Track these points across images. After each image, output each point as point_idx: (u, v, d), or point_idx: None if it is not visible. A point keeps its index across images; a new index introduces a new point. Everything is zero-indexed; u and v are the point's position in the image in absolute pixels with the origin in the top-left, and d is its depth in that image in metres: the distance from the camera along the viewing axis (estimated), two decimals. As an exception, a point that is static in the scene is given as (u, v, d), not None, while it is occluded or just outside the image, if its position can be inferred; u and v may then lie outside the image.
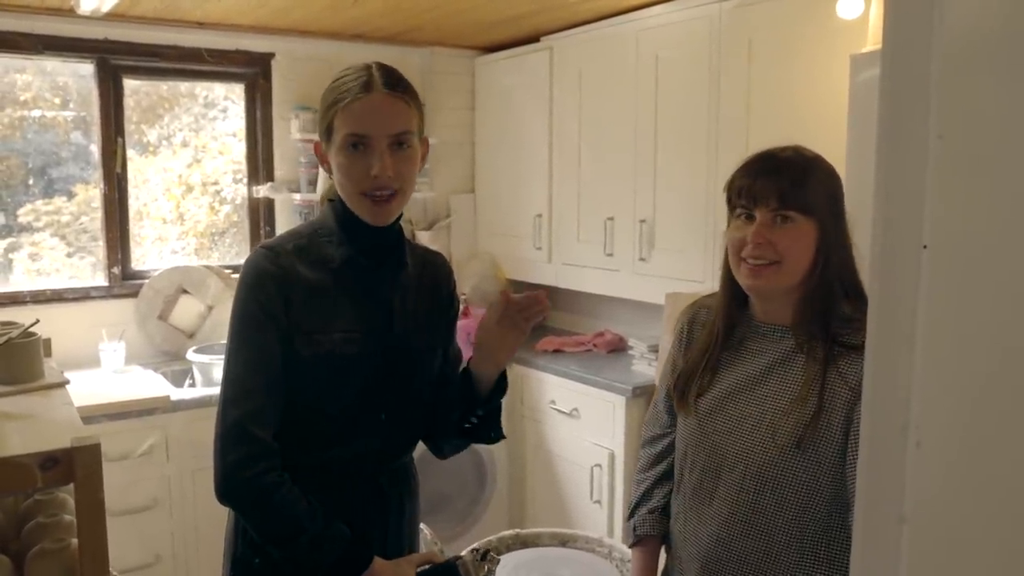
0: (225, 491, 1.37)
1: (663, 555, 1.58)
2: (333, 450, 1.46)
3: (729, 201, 1.40)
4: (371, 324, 1.47)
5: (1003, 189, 0.55)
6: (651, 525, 1.54)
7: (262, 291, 1.39)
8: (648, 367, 3.17)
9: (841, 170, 2.12)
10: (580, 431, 3.25)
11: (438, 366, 1.58)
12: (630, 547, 1.59)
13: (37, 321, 1.34)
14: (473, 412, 1.52)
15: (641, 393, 3.04)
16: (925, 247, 0.58)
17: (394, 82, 1.41)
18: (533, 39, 3.72)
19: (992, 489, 0.56)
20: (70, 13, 3.01)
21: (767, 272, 1.34)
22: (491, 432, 1.57)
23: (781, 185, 1.31)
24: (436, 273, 1.60)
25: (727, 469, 1.38)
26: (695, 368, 1.47)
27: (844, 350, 1.31)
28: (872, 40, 2.28)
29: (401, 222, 1.51)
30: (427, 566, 1.46)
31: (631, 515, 1.59)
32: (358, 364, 1.44)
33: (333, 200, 1.49)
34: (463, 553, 1.46)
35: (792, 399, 1.33)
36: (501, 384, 1.53)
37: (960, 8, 0.55)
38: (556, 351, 3.59)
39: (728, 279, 1.44)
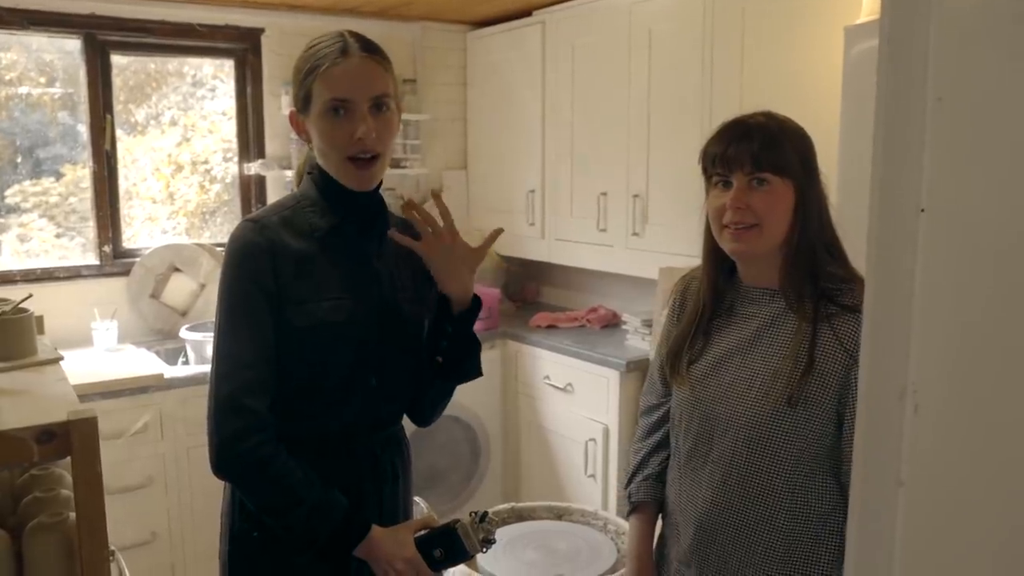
0: (221, 464, 1.37)
1: (660, 524, 1.60)
2: (327, 419, 1.47)
3: (705, 171, 1.42)
4: (360, 291, 1.47)
5: (1001, 152, 0.55)
6: (645, 492, 1.57)
7: (251, 263, 1.39)
8: (642, 342, 3.18)
9: (835, 142, 2.13)
10: (574, 406, 3.26)
11: (425, 333, 1.58)
12: (627, 515, 1.61)
13: (30, 296, 1.34)
14: (444, 334, 1.52)
15: (635, 368, 3.05)
16: (923, 211, 0.58)
17: (370, 46, 1.42)
18: (525, 13, 3.69)
19: (989, 454, 0.56)
20: (56, -12, 2.98)
21: (748, 236, 1.36)
22: (465, 364, 1.56)
23: (753, 148, 1.33)
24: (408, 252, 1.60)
25: (719, 433, 1.40)
26: (684, 337, 1.49)
27: (839, 310, 1.33)
28: (866, 12, 2.27)
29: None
30: (425, 531, 1.46)
31: (628, 484, 1.61)
32: (349, 331, 1.45)
33: (312, 172, 1.49)
34: (461, 516, 1.47)
35: (783, 358, 1.35)
36: (475, 305, 1.54)
37: (961, -32, 0.55)
38: (550, 327, 3.59)
39: (710, 249, 1.46)
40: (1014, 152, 0.54)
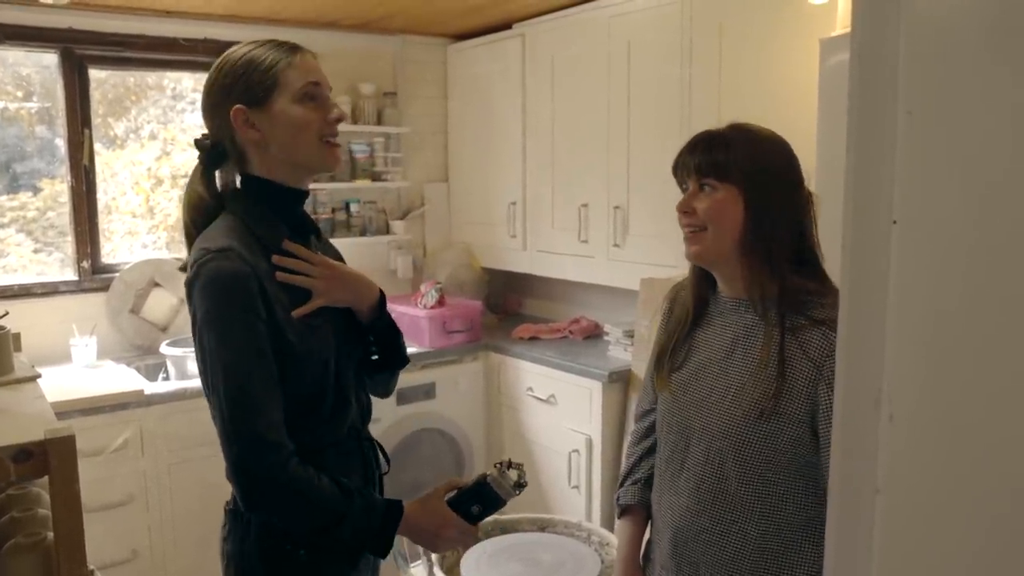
0: (261, 503, 1.36)
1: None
2: (336, 423, 1.48)
3: (680, 185, 1.49)
4: None
5: (971, 164, 0.56)
6: (633, 495, 1.60)
7: (242, 294, 1.35)
8: (624, 352, 3.19)
9: (812, 152, 2.15)
10: (557, 417, 3.26)
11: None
12: (617, 518, 1.64)
13: (6, 313, 1.33)
14: (371, 339, 1.58)
15: (617, 378, 3.06)
16: (895, 222, 0.59)
17: (308, 49, 1.49)
18: (505, 26, 3.71)
19: (963, 460, 0.57)
20: (33, 2, 2.96)
21: (697, 238, 1.42)
22: (399, 348, 1.62)
23: (696, 157, 1.41)
24: (324, 238, 1.67)
25: (695, 441, 1.43)
26: (668, 344, 1.53)
27: (807, 322, 1.34)
28: (841, 24, 2.30)
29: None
30: (454, 492, 1.48)
31: (619, 487, 1.64)
32: (328, 333, 1.46)
33: (246, 189, 1.48)
34: (486, 471, 1.49)
35: (754, 370, 1.37)
36: (383, 311, 1.57)
37: (927, -15, 0.56)
38: (532, 338, 3.60)
39: None
40: (983, 164, 0.55)
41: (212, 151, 1.49)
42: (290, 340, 1.39)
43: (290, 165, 1.46)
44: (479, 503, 1.46)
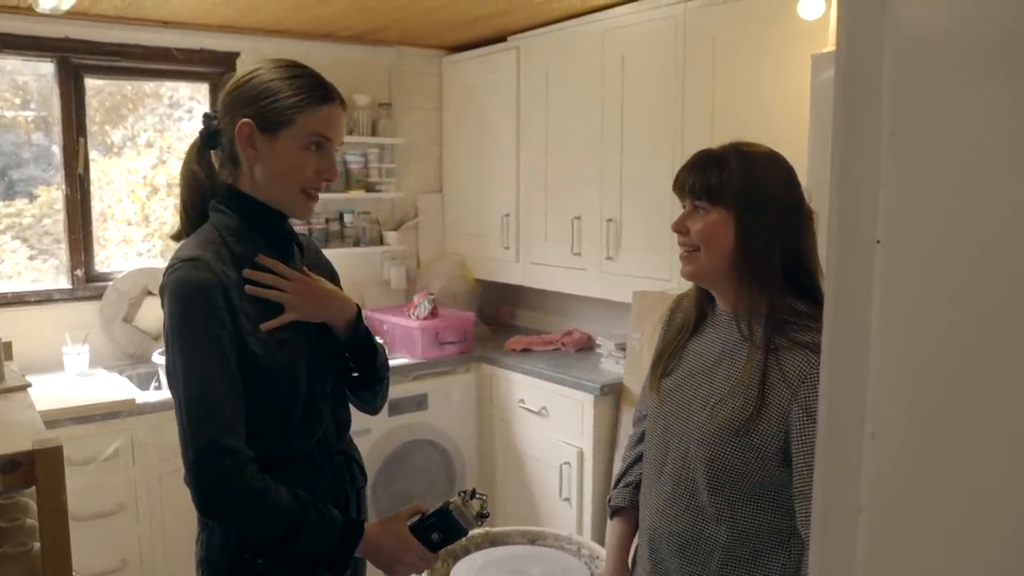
0: (215, 508, 1.36)
1: None
2: (306, 433, 1.49)
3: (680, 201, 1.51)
4: None
5: (953, 184, 0.56)
6: (624, 497, 1.64)
7: (207, 302, 1.37)
8: (616, 365, 3.19)
9: (803, 168, 2.15)
10: (549, 429, 3.26)
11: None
12: (609, 519, 1.67)
13: (-3, 323, 1.32)
14: (348, 356, 1.60)
15: (609, 391, 3.06)
16: (879, 242, 0.60)
17: (342, 98, 1.51)
18: (500, 39, 3.73)
19: (945, 478, 0.58)
20: (29, 11, 2.96)
21: (692, 258, 1.44)
22: (376, 366, 1.62)
23: (691, 178, 1.42)
24: (316, 251, 1.68)
25: (673, 447, 1.46)
26: (663, 351, 1.56)
27: (789, 344, 1.35)
28: (833, 40, 2.32)
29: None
30: (417, 517, 1.48)
31: (612, 489, 1.68)
32: (300, 344, 1.47)
33: (229, 202, 1.49)
34: (449, 499, 1.49)
35: (734, 385, 1.39)
36: (358, 328, 1.58)
37: (910, 8, 0.57)
38: (524, 350, 3.60)
39: None
40: (966, 185, 0.55)
41: (212, 134, 1.53)
42: (255, 352, 1.40)
43: (265, 194, 1.48)
44: (440, 530, 1.47)
